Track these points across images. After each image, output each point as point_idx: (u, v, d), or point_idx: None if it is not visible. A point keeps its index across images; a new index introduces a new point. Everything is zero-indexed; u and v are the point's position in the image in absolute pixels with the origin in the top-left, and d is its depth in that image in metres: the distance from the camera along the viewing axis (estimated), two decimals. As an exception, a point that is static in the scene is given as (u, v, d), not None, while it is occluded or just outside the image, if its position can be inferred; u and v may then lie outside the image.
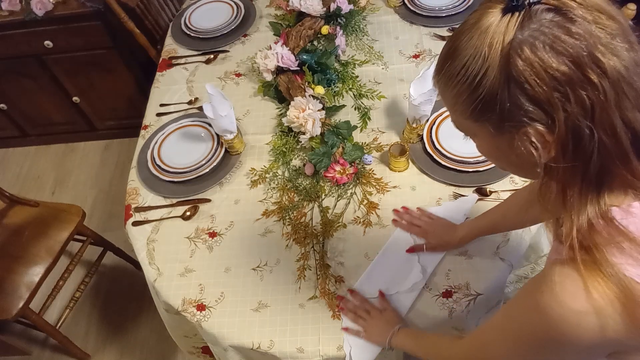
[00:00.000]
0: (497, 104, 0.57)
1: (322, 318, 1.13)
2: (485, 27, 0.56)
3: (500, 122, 0.58)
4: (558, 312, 0.57)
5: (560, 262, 0.60)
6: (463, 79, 0.59)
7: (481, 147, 0.68)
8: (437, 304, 1.11)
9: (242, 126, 1.51)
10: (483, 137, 0.64)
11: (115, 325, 2.07)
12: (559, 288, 0.58)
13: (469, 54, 0.57)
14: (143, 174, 1.44)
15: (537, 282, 0.62)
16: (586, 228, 0.58)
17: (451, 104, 0.64)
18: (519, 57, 0.54)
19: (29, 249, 1.76)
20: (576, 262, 0.57)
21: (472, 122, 0.62)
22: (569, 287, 0.57)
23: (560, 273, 0.59)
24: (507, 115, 0.57)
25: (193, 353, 1.42)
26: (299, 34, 1.63)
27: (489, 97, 0.57)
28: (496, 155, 0.67)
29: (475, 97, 0.58)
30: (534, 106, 0.55)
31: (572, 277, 0.57)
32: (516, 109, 0.56)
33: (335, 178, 1.30)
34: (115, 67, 2.28)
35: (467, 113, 0.61)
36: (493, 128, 0.60)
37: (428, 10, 1.67)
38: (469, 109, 0.60)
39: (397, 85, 1.52)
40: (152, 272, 1.26)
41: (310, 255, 1.23)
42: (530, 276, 1.21)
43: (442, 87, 0.64)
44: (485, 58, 0.56)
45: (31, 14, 2.02)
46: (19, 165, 2.71)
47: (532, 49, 0.53)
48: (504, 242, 1.17)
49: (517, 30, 0.54)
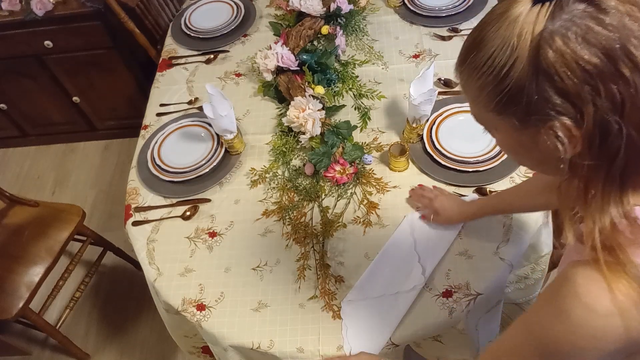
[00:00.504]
0: (524, 96, 0.55)
1: (322, 318, 1.13)
2: (514, 17, 0.54)
3: (526, 116, 0.57)
4: (582, 316, 0.56)
5: (583, 264, 0.58)
6: (489, 70, 0.57)
7: (502, 142, 0.66)
8: (437, 304, 1.11)
9: (242, 126, 1.51)
10: (505, 131, 0.62)
11: (115, 325, 2.07)
12: (582, 290, 0.56)
13: (496, 44, 0.56)
14: (143, 174, 1.44)
15: (558, 285, 0.60)
16: (609, 228, 0.56)
17: (474, 97, 0.62)
18: (549, 48, 0.52)
19: (29, 249, 1.76)
20: (599, 263, 0.56)
21: (495, 115, 0.60)
22: (593, 290, 0.56)
23: (583, 275, 0.57)
24: (534, 108, 0.55)
25: (193, 353, 1.42)
26: (299, 34, 1.63)
27: (515, 89, 0.55)
28: (517, 150, 0.65)
29: (501, 89, 0.56)
30: (563, 99, 0.53)
31: (596, 278, 0.56)
32: (543, 102, 0.54)
33: (335, 178, 1.30)
34: (115, 67, 2.28)
35: (490, 106, 0.59)
36: (517, 121, 0.58)
37: (428, 10, 1.67)
38: (493, 101, 0.58)
39: (397, 85, 1.52)
40: (152, 272, 1.26)
41: (310, 255, 1.23)
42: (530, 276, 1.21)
43: (465, 79, 0.62)
44: (514, 48, 0.54)
45: (31, 14, 2.02)
46: (19, 165, 2.71)
47: (564, 39, 0.52)
48: (504, 242, 1.17)
49: (547, 20, 0.52)
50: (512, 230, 1.18)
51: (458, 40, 1.60)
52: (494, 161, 1.27)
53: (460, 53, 0.62)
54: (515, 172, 1.26)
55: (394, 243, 1.20)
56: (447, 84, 1.48)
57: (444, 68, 1.52)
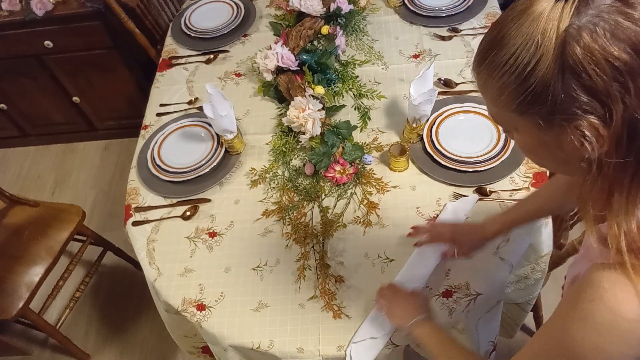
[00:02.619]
0: (549, 95, 0.53)
1: (322, 318, 1.13)
2: (538, 14, 0.53)
3: (550, 115, 0.54)
4: (609, 321, 0.55)
5: (608, 267, 0.56)
6: (512, 69, 0.55)
7: (523, 142, 0.63)
8: (437, 304, 1.11)
9: (242, 126, 1.51)
10: (527, 130, 0.60)
11: (115, 325, 2.07)
12: (609, 295, 0.55)
13: (519, 42, 0.54)
14: (143, 174, 1.44)
15: (583, 290, 0.58)
16: (635, 231, 0.55)
17: (494, 97, 0.59)
18: (577, 45, 0.50)
19: (29, 249, 1.76)
20: (625, 267, 0.54)
21: (517, 115, 0.58)
22: (619, 294, 0.54)
23: (609, 279, 0.56)
24: (559, 107, 0.53)
25: (193, 353, 1.42)
26: (299, 34, 1.63)
27: (540, 88, 0.53)
28: (538, 151, 0.63)
29: (524, 88, 0.54)
30: (590, 97, 0.51)
31: (622, 282, 0.54)
32: (570, 101, 0.52)
33: (335, 178, 1.30)
34: (115, 67, 2.28)
35: (512, 105, 0.57)
36: (542, 121, 0.56)
37: (428, 10, 1.67)
38: (516, 101, 0.56)
39: (397, 85, 1.52)
40: (152, 272, 1.26)
41: (310, 255, 1.23)
42: (530, 276, 1.21)
43: (484, 79, 0.60)
44: (538, 46, 0.52)
45: (31, 14, 2.02)
46: (19, 165, 2.71)
47: (592, 35, 0.50)
48: (504, 242, 1.17)
49: (573, 16, 0.51)
50: (512, 230, 1.18)
51: (458, 40, 1.60)
52: (494, 161, 1.27)
53: (478, 52, 0.60)
54: (515, 172, 1.26)
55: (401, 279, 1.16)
56: (447, 84, 1.48)
57: (444, 68, 1.53)
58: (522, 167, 1.27)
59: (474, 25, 1.62)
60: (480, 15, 1.64)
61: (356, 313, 1.13)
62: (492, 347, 1.23)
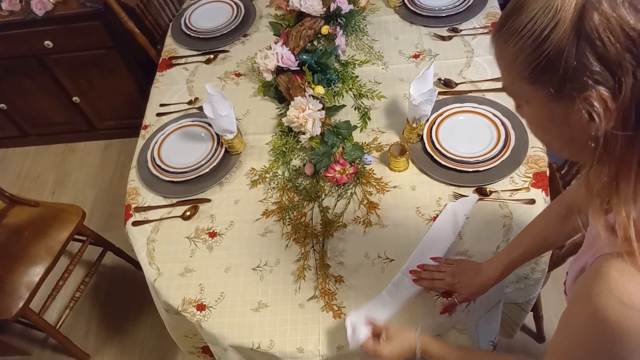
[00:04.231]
0: (562, 61, 0.53)
1: (322, 318, 1.13)
2: None
3: (562, 84, 0.54)
4: (619, 312, 0.54)
5: (615, 257, 0.56)
6: (528, 34, 0.55)
7: (532, 116, 0.63)
8: (437, 304, 1.11)
9: (242, 126, 1.51)
10: (537, 102, 0.60)
11: (115, 325, 2.07)
12: (617, 285, 0.55)
13: (538, 6, 0.54)
14: (143, 174, 1.44)
15: (591, 281, 0.58)
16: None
17: (508, 64, 0.59)
18: (595, 11, 0.51)
19: (29, 249, 1.76)
20: (633, 256, 0.54)
21: (528, 84, 0.58)
22: (627, 284, 0.54)
23: (617, 269, 0.55)
24: (571, 75, 0.53)
25: (193, 353, 1.42)
26: (299, 34, 1.63)
27: (554, 53, 0.53)
28: (547, 126, 0.62)
29: (539, 53, 0.55)
30: (602, 67, 0.51)
31: (630, 272, 0.54)
32: (582, 69, 0.52)
33: (335, 178, 1.30)
34: (115, 67, 2.28)
35: (525, 72, 0.57)
36: (553, 89, 0.56)
37: (428, 10, 1.67)
38: (529, 67, 0.56)
39: (397, 85, 1.52)
40: (152, 272, 1.26)
41: (310, 255, 1.23)
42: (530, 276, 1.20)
43: (500, 45, 0.60)
44: (557, 10, 0.53)
45: (31, 14, 2.02)
46: (19, 165, 2.71)
47: (611, 3, 0.50)
48: (504, 242, 1.17)
49: None
50: (512, 230, 1.18)
51: (458, 40, 1.60)
52: (494, 161, 1.27)
53: (499, 21, 0.61)
54: (515, 172, 1.26)
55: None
56: (447, 84, 1.48)
57: (444, 68, 1.53)
58: (522, 167, 1.27)
59: (474, 25, 1.62)
60: (480, 15, 1.64)
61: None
62: (492, 347, 1.23)
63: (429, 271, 1.12)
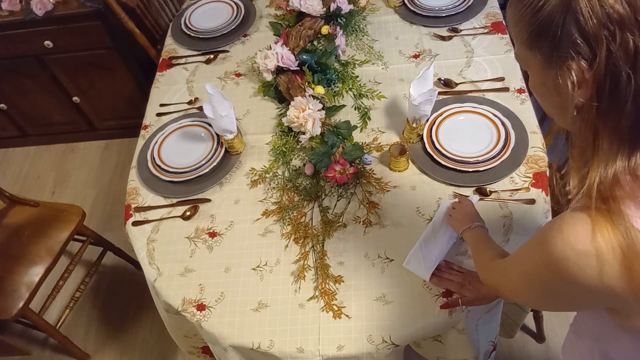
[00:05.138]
0: (551, 30, 0.59)
1: (322, 318, 1.13)
2: None
3: (551, 51, 0.61)
4: (560, 249, 0.61)
5: (575, 209, 0.62)
6: (529, 2, 0.62)
7: (532, 83, 0.70)
8: (437, 304, 1.11)
9: (242, 126, 1.51)
10: (534, 68, 0.66)
11: (115, 325, 2.07)
12: (567, 228, 0.61)
13: None
14: (143, 174, 1.44)
15: (552, 223, 0.65)
16: (610, 180, 0.60)
17: (515, 30, 0.66)
18: None
19: (29, 249, 1.76)
20: (590, 208, 0.60)
21: (527, 49, 0.65)
22: (576, 229, 0.60)
23: (572, 216, 0.62)
24: (558, 44, 0.60)
25: (193, 353, 1.42)
26: (299, 34, 1.63)
27: (546, 21, 0.60)
28: (542, 92, 0.69)
29: (535, 19, 0.61)
30: (582, 39, 0.57)
31: (583, 220, 0.60)
32: (566, 39, 0.59)
33: (335, 178, 1.30)
34: (115, 67, 2.28)
35: (524, 37, 0.64)
36: (544, 58, 0.63)
37: (428, 10, 1.67)
38: (527, 32, 0.63)
39: (397, 85, 1.52)
40: (152, 272, 1.26)
41: (310, 255, 1.23)
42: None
43: (511, 12, 0.66)
44: None
45: (31, 14, 2.02)
46: (19, 165, 2.71)
47: None
48: (504, 242, 1.17)
49: None
50: (512, 230, 1.19)
51: (458, 40, 1.60)
52: (494, 161, 1.27)
53: None
54: (515, 172, 1.26)
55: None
56: (447, 84, 1.48)
57: (444, 68, 1.53)
58: (522, 167, 1.27)
59: (474, 25, 1.62)
60: (480, 15, 1.64)
61: (356, 313, 1.13)
62: (492, 347, 1.23)
63: (439, 272, 1.13)
